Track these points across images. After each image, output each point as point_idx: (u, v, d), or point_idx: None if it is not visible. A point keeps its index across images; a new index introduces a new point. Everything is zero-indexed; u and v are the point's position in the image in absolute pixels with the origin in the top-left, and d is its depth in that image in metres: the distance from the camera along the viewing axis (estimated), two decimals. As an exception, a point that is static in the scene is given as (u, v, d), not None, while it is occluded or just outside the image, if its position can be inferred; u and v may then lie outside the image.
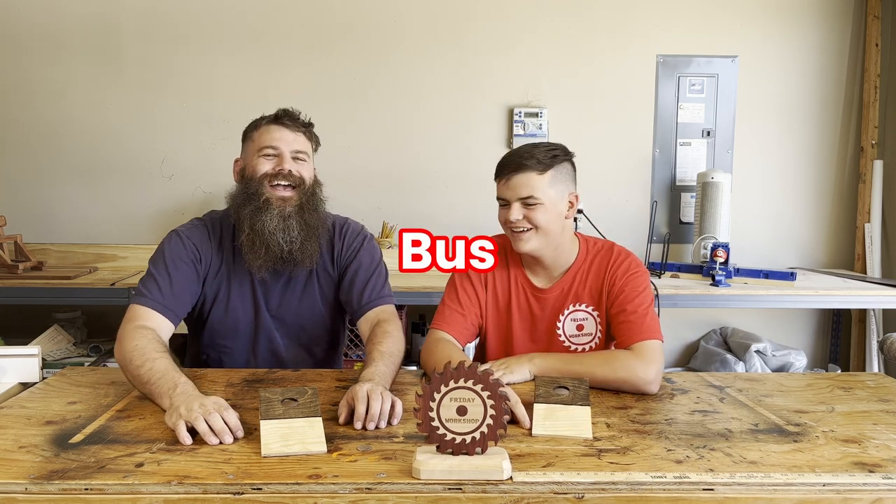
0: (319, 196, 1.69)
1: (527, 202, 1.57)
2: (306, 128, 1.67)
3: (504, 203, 1.61)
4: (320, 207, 1.69)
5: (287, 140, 1.62)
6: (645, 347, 1.52)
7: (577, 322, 1.67)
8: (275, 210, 1.59)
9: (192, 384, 1.29)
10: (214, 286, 1.68)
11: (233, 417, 1.16)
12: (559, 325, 1.68)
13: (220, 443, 1.12)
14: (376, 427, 1.20)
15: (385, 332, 1.57)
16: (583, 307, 1.67)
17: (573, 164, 1.65)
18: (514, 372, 1.51)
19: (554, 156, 1.59)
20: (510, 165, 1.58)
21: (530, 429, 1.21)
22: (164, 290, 1.56)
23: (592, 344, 1.67)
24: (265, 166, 1.61)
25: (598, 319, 1.67)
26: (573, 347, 1.68)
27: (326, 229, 1.71)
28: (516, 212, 1.58)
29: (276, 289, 1.70)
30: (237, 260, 1.67)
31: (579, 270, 1.67)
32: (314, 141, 1.71)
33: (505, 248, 1.70)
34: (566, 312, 1.67)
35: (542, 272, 1.69)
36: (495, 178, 1.63)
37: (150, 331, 1.47)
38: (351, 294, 1.70)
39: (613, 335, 1.64)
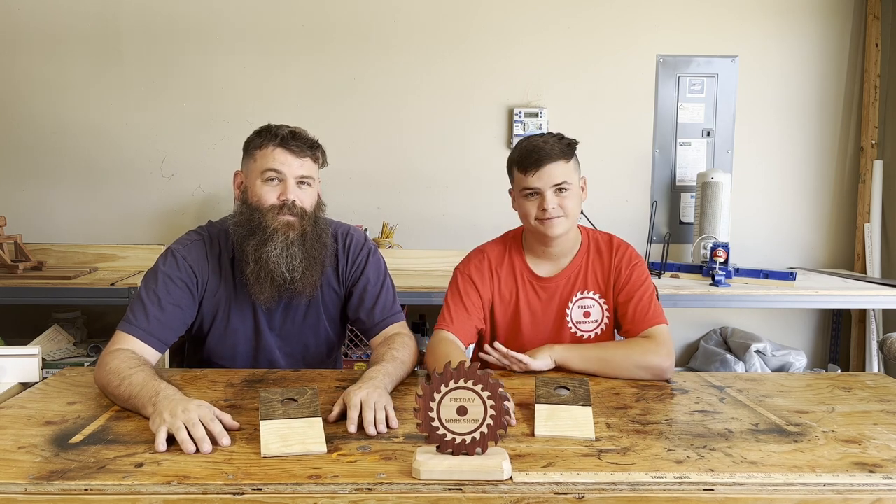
0: (322, 220, 1.63)
1: (560, 189, 1.61)
2: (312, 150, 1.58)
3: (532, 193, 1.62)
4: (323, 236, 1.62)
5: (292, 165, 1.54)
6: (657, 333, 1.60)
7: (585, 309, 1.72)
8: (279, 238, 1.53)
9: (174, 388, 1.26)
10: (213, 306, 1.63)
11: (217, 427, 1.13)
12: (568, 312, 1.72)
13: (197, 451, 1.08)
14: (377, 433, 1.17)
15: (403, 343, 1.59)
16: (590, 294, 1.72)
17: None
18: (538, 358, 1.55)
19: (568, 144, 1.65)
20: (540, 156, 1.60)
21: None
22: (152, 316, 1.51)
23: (598, 331, 1.72)
24: (269, 195, 1.54)
25: (606, 307, 1.72)
26: (580, 334, 1.72)
27: (329, 243, 1.65)
28: (552, 199, 1.61)
29: (278, 309, 1.66)
30: (237, 277, 1.61)
31: (584, 258, 1.73)
32: (321, 160, 1.62)
33: (507, 245, 1.75)
34: (574, 300, 1.72)
35: (548, 261, 1.73)
36: (520, 170, 1.64)
37: (125, 351, 1.43)
38: (362, 313, 1.69)
39: (621, 322, 1.70)
